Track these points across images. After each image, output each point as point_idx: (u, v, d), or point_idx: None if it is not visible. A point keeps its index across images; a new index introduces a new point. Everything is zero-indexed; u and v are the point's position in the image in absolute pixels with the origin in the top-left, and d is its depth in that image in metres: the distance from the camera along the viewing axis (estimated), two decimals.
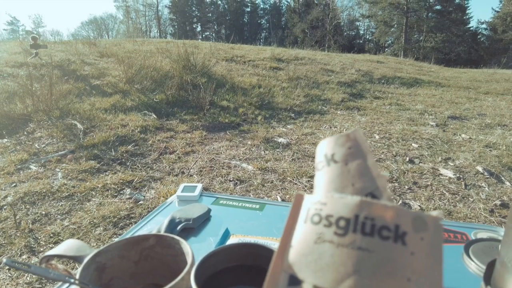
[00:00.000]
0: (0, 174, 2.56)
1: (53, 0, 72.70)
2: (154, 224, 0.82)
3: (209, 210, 0.85)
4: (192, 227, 0.79)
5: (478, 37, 37.67)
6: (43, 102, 3.94)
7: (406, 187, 2.53)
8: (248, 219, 0.85)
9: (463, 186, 2.54)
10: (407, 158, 3.14)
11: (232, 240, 0.70)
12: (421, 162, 3.06)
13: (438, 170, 2.85)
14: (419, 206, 2.20)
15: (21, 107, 3.90)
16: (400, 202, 2.25)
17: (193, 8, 43.55)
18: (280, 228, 0.79)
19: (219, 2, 43.82)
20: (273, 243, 0.70)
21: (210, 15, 43.69)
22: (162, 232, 0.73)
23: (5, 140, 3.25)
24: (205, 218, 0.83)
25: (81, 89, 4.70)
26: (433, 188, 2.52)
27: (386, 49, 37.68)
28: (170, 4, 42.91)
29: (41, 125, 3.62)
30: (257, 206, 0.91)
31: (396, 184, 2.57)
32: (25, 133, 3.39)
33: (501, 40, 34.56)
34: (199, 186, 1.00)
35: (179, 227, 0.76)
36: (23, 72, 5.18)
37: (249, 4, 44.64)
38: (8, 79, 4.79)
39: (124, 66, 5.28)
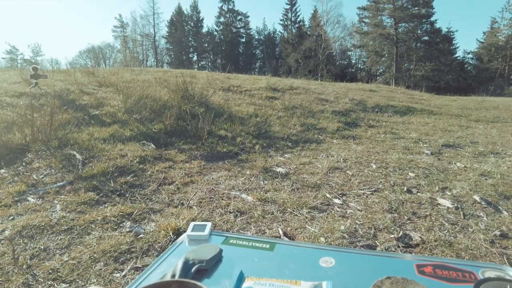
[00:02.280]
0: None
1: (52, 29, 74.36)
2: (167, 266, 0.82)
3: (221, 251, 0.86)
4: (205, 269, 0.79)
5: (465, 66, 39.06)
6: (42, 132, 3.96)
7: (406, 217, 2.54)
8: (260, 259, 0.86)
9: (462, 216, 2.55)
10: (405, 188, 3.17)
11: (247, 284, 0.71)
12: (419, 192, 3.09)
13: (436, 200, 2.87)
14: (420, 237, 2.20)
15: (19, 137, 3.90)
16: (401, 233, 2.25)
17: (190, 38, 44.78)
18: (293, 269, 0.80)
19: (215, 33, 45.19)
20: (287, 286, 0.71)
21: (206, 45, 44.87)
22: (177, 275, 0.74)
23: (3, 170, 3.23)
24: (218, 259, 0.84)
25: (80, 119, 4.74)
26: (432, 218, 2.53)
27: (378, 78, 38.73)
28: (167, 34, 44.13)
29: (40, 155, 3.62)
30: (268, 246, 0.92)
31: (396, 215, 2.59)
32: (23, 163, 3.38)
33: (487, 69, 35.85)
34: (209, 225, 1.01)
35: (193, 269, 0.77)
36: (22, 101, 5.22)
37: (244, 35, 46.06)
38: (7, 109, 4.82)
39: (123, 96, 5.36)
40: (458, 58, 38.24)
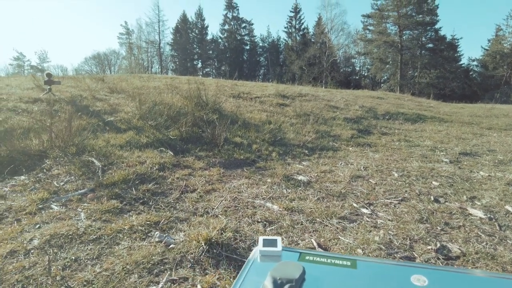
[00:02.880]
0: (22, 214, 2.48)
1: (59, 36, 75.07)
2: (251, 285, 0.77)
3: (304, 270, 0.81)
4: None
5: (470, 73, 39.02)
6: (59, 138, 3.93)
7: (439, 228, 2.47)
8: (345, 278, 0.80)
9: (498, 227, 2.48)
10: (432, 197, 3.10)
11: None
12: (447, 201, 3.02)
13: (467, 210, 2.80)
14: (459, 249, 2.13)
15: (36, 143, 3.87)
16: (438, 244, 2.18)
17: (194, 46, 45.08)
18: None
19: (220, 40, 45.48)
20: None
21: (210, 52, 45.14)
22: None
23: (23, 177, 3.19)
24: (303, 278, 0.78)
25: (95, 125, 4.71)
26: (466, 229, 2.46)
27: (382, 85, 38.72)
28: (172, 41, 44.44)
29: (58, 161, 3.58)
30: (349, 263, 0.86)
31: (428, 225, 2.51)
32: (43, 170, 3.34)
33: (493, 77, 35.79)
34: (279, 239, 0.95)
35: None
36: (37, 107, 5.21)
37: (248, 43, 46.32)
38: (22, 115, 4.80)
39: (137, 102, 5.34)
40: (463, 65, 38.23)
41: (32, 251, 1.98)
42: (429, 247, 2.16)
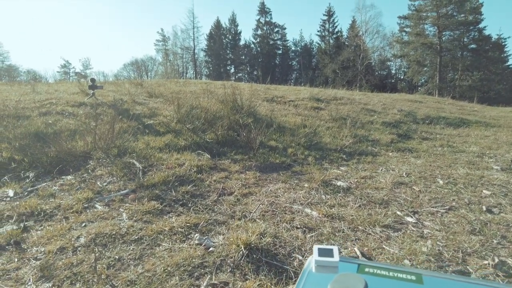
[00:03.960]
0: (69, 212, 2.59)
1: (101, 44, 79.35)
2: None
3: (366, 284, 0.75)
4: None
5: None
6: (102, 140, 4.09)
7: (495, 241, 2.28)
8: None
9: None
10: (484, 207, 2.88)
11: None
12: (502, 212, 2.79)
13: None
14: None
15: (81, 145, 4.06)
16: (496, 260, 2.00)
17: (228, 51, 45.78)
18: None
19: (252, 45, 45.86)
20: None
21: (243, 57, 45.60)
22: None
23: (70, 177, 3.34)
24: None
25: (135, 128, 4.86)
26: None
27: (420, 88, 37.16)
28: (206, 47, 45.44)
29: (101, 162, 3.72)
30: (414, 278, 0.79)
31: (482, 237, 2.33)
32: (87, 170, 3.49)
33: None
34: (336, 249, 0.90)
35: None
36: (82, 111, 5.48)
37: (280, 47, 46.32)
38: (69, 118, 5.07)
39: (175, 106, 5.46)
40: (511, 66, 35.80)
41: (79, 249, 2.05)
42: (486, 262, 1.99)
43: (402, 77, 42.63)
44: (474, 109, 13.09)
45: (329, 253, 0.88)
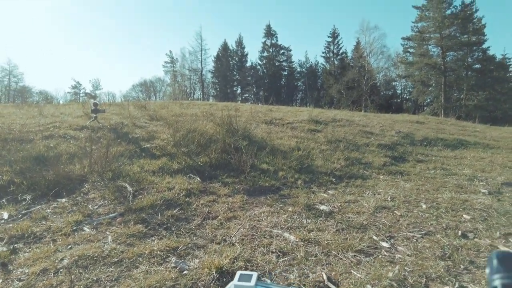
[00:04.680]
0: (58, 235, 2.73)
1: (111, 65, 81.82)
2: None
3: None
4: None
5: None
6: (98, 164, 4.27)
7: (462, 266, 2.34)
8: None
9: None
10: (459, 232, 2.95)
11: None
12: (476, 237, 2.85)
13: (498, 248, 2.63)
14: None
15: (79, 168, 4.25)
16: (457, 285, 2.07)
17: (234, 73, 46.70)
18: None
19: (258, 66, 46.75)
20: None
21: (249, 78, 46.44)
22: None
23: (64, 200, 3.51)
24: None
25: (132, 151, 5.05)
26: None
27: (425, 108, 37.18)
28: (213, 69, 46.47)
29: (95, 186, 3.89)
30: None
31: (450, 263, 2.40)
32: (81, 194, 3.65)
33: None
34: (255, 275, 1.02)
35: None
36: (83, 134, 5.71)
37: (286, 68, 47.13)
38: (70, 141, 5.29)
39: (172, 130, 5.67)
40: None
41: (61, 270, 2.18)
42: (446, 287, 2.06)
43: (407, 97, 42.76)
44: (476, 129, 13.08)
45: (248, 278, 1.01)
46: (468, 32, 32.98)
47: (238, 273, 1.04)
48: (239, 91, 47.77)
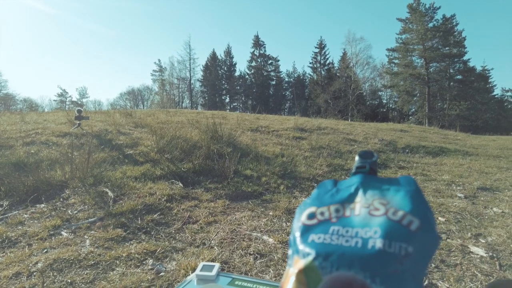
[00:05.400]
0: (34, 239, 2.70)
1: (98, 73, 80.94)
2: None
3: None
4: None
5: (505, 104, 37.47)
6: (79, 170, 4.24)
7: (433, 265, 2.42)
8: None
9: (498, 267, 2.39)
10: None
11: None
12: (449, 238, 2.94)
13: (468, 248, 2.71)
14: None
15: (60, 174, 4.20)
16: (426, 282, 2.14)
17: (223, 82, 46.90)
18: None
19: (247, 76, 47.09)
20: None
21: (238, 87, 46.70)
22: None
23: (43, 205, 3.47)
24: None
25: (115, 158, 5.03)
26: (463, 267, 2.39)
27: (410, 117, 37.96)
28: (202, 78, 46.56)
29: (76, 191, 3.85)
30: None
31: None
32: (61, 199, 3.62)
33: None
34: (217, 265, 1.06)
35: None
36: (66, 141, 5.66)
37: (274, 78, 47.60)
38: (52, 148, 5.24)
39: (156, 136, 5.67)
40: (496, 96, 36.91)
41: (34, 274, 2.16)
42: None
43: (393, 107, 43.62)
44: (457, 137, 13.44)
45: (210, 269, 1.04)
46: (449, 44, 34.08)
47: (201, 264, 1.08)
48: (227, 100, 47.93)
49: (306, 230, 0.46)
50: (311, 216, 0.48)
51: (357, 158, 0.55)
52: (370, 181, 0.50)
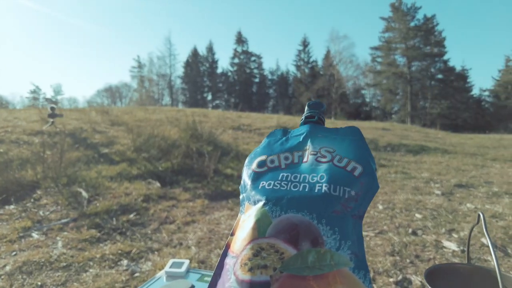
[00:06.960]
0: (3, 242, 2.59)
1: (73, 69, 78.46)
2: None
3: (192, 286, 0.88)
4: None
5: (482, 103, 38.67)
6: (52, 169, 4.11)
7: (408, 260, 2.45)
8: None
9: (467, 260, 2.44)
10: (410, 230, 3.08)
11: None
12: (424, 234, 3.00)
13: (441, 243, 2.77)
14: (420, 281, 2.11)
15: (31, 174, 4.06)
16: (401, 277, 2.17)
17: (205, 79, 46.46)
18: None
19: (229, 73, 46.83)
20: None
21: (220, 85, 46.39)
22: None
23: (12, 206, 3.34)
24: None
25: (90, 157, 4.90)
26: (435, 261, 2.43)
27: (393, 116, 38.69)
28: (183, 74, 45.99)
29: (48, 192, 3.73)
30: None
31: (398, 258, 2.50)
32: (31, 200, 3.49)
33: (506, 107, 35.36)
34: (186, 262, 1.03)
35: None
36: (38, 139, 5.47)
37: (257, 75, 47.50)
38: (23, 147, 5.06)
39: (133, 135, 5.56)
40: (474, 95, 38.04)
41: (2, 277, 2.07)
42: (391, 280, 2.15)
43: (376, 105, 44.36)
44: (438, 136, 13.80)
45: (180, 265, 1.02)
46: (430, 43, 34.89)
47: (171, 261, 1.05)
48: (209, 97, 47.57)
49: (256, 177, 0.49)
50: (262, 163, 0.51)
51: (306, 108, 0.59)
52: (318, 130, 0.55)
